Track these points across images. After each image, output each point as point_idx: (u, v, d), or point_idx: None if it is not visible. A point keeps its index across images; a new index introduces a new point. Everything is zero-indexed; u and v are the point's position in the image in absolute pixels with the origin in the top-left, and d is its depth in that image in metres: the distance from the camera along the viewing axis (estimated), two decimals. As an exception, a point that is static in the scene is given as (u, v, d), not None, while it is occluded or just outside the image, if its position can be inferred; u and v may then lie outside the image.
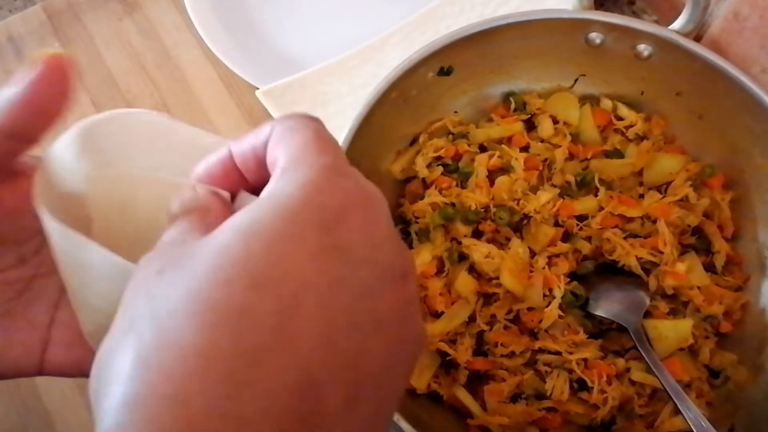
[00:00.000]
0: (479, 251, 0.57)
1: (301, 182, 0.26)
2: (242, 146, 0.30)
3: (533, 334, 0.58)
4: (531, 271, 0.57)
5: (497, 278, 0.57)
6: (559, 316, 0.56)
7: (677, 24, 0.60)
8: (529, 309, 0.57)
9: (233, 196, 0.32)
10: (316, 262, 0.24)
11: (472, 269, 0.58)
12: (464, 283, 0.57)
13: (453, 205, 0.60)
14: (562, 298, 0.56)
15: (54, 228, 0.31)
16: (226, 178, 0.31)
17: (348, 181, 0.27)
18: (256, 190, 0.31)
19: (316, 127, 0.29)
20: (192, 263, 0.24)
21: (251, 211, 0.25)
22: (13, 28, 0.81)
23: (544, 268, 0.57)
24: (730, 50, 0.67)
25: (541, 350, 0.56)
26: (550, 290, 0.57)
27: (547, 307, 0.56)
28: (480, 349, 0.58)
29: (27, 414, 0.63)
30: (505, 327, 0.57)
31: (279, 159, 0.28)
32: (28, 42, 0.80)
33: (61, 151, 0.33)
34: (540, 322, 0.56)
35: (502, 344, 0.56)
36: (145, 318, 0.24)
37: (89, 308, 0.33)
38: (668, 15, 0.66)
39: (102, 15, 0.81)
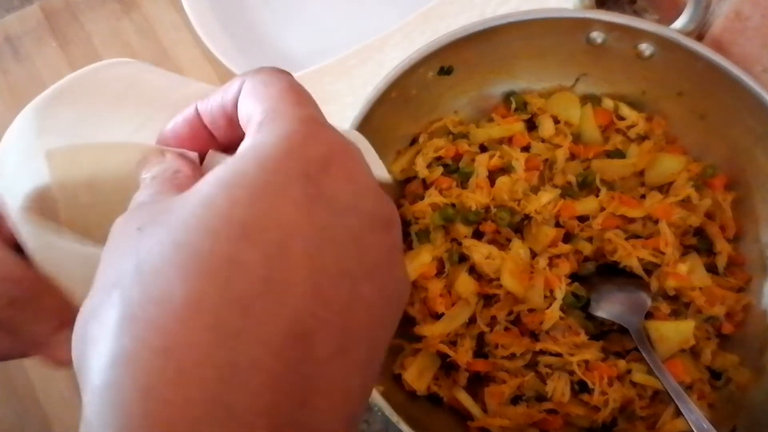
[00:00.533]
0: (480, 252, 0.57)
1: (284, 133, 0.25)
2: (210, 104, 0.29)
3: (534, 336, 0.57)
4: (532, 272, 0.57)
5: (498, 279, 0.56)
6: (560, 318, 0.56)
7: (679, 23, 0.60)
8: (530, 310, 0.56)
9: (202, 157, 0.31)
10: (302, 211, 0.24)
11: (473, 270, 0.58)
12: (465, 284, 0.57)
13: (453, 205, 0.60)
14: (563, 299, 0.56)
15: (21, 221, 0.30)
16: (194, 139, 0.30)
17: (329, 132, 0.27)
18: (226, 149, 0.31)
19: (288, 79, 0.28)
20: (175, 217, 0.24)
21: (233, 164, 0.25)
22: (10, 28, 0.80)
23: (544, 269, 0.57)
24: (732, 50, 0.66)
25: (542, 352, 0.56)
26: (551, 291, 0.56)
27: (548, 308, 0.56)
28: (480, 350, 0.58)
29: (25, 415, 0.62)
30: (506, 328, 0.57)
31: (254, 113, 0.27)
32: (25, 42, 0.80)
33: (17, 136, 0.31)
34: (541, 323, 0.56)
35: (502, 346, 0.56)
36: (129, 274, 0.23)
37: (70, 293, 0.32)
38: (669, 14, 0.66)
39: (100, 14, 0.81)
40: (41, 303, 0.32)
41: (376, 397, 0.50)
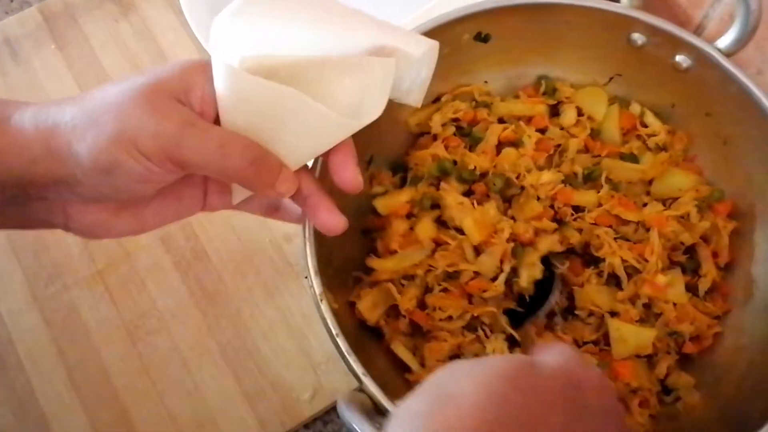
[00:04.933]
0: (453, 197, 0.57)
1: None
2: None
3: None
4: (494, 233, 0.57)
5: (461, 231, 0.57)
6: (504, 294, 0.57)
7: (722, 42, 0.58)
8: (476, 275, 0.56)
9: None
10: None
11: (442, 224, 0.59)
12: (425, 228, 0.57)
13: (455, 162, 0.61)
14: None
15: (254, 81, 0.41)
16: None
17: None
18: None
19: None
20: None
21: None
22: (8, 30, 0.80)
23: (506, 238, 0.57)
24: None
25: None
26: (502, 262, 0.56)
27: (494, 280, 0.56)
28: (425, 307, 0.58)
29: (23, 415, 0.62)
30: (445, 290, 0.57)
31: None
32: (24, 44, 0.79)
33: (219, 29, 0.44)
34: (484, 291, 0.56)
35: (440, 308, 0.56)
36: None
37: (285, 145, 0.44)
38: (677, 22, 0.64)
39: (98, 16, 0.81)
40: (267, 159, 0.43)
41: (325, 311, 0.49)
